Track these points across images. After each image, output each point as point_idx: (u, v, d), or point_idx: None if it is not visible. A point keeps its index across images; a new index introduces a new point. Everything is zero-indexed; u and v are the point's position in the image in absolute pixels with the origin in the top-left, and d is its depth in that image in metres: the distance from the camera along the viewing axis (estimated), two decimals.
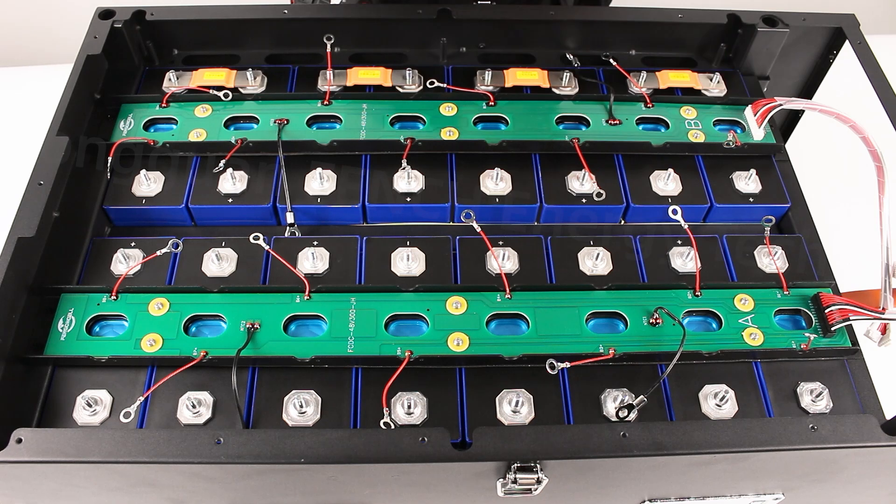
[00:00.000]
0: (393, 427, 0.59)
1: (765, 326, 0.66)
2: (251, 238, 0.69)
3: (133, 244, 0.69)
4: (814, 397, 0.63)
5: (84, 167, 0.73)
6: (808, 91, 0.93)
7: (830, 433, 0.55)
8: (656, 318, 0.66)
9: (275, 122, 0.77)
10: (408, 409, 0.60)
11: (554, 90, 0.82)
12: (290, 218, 0.71)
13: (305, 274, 0.67)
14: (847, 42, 0.83)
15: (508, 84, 0.82)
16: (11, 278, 0.60)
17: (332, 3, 0.97)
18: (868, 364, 0.66)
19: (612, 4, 0.86)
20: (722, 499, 0.66)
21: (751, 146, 0.78)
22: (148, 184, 0.73)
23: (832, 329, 0.65)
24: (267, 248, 0.69)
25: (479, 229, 0.69)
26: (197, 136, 0.76)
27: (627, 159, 0.77)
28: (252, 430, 0.59)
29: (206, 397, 0.61)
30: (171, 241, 0.68)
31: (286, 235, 0.71)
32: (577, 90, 0.83)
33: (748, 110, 0.80)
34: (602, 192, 0.73)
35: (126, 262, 0.68)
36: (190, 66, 0.83)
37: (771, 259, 0.71)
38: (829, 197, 1.03)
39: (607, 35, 0.87)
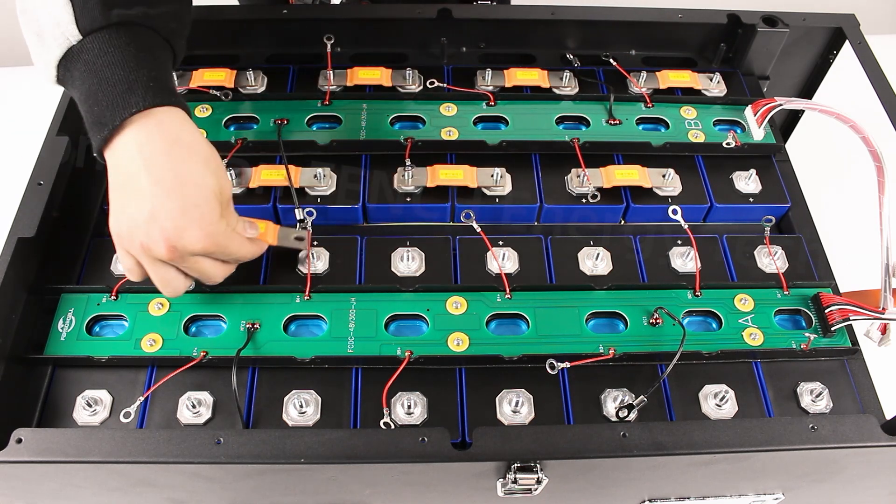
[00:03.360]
0: (393, 427, 0.59)
1: (765, 326, 0.66)
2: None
3: None
4: (814, 397, 0.63)
5: (84, 167, 0.73)
6: (808, 91, 0.93)
7: (830, 433, 0.55)
8: (656, 318, 0.66)
9: (275, 122, 0.77)
10: (408, 409, 0.60)
11: (554, 90, 0.82)
12: (298, 214, 0.70)
13: (305, 274, 0.67)
14: (847, 42, 0.83)
15: (508, 84, 0.82)
16: (11, 278, 0.60)
17: (332, 3, 0.97)
18: (868, 364, 0.66)
19: (612, 5, 0.86)
20: (722, 499, 0.66)
21: (751, 146, 0.78)
22: None
23: (832, 329, 0.65)
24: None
25: (479, 229, 0.69)
26: None
27: (627, 159, 0.77)
28: (252, 430, 0.59)
29: (206, 397, 0.61)
30: None
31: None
32: (577, 90, 0.83)
33: (748, 110, 0.80)
34: (597, 193, 0.73)
35: None
36: (190, 66, 0.83)
37: (771, 259, 0.71)
38: (829, 197, 1.03)
39: (607, 35, 0.87)
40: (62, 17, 0.54)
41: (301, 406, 0.60)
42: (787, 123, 0.95)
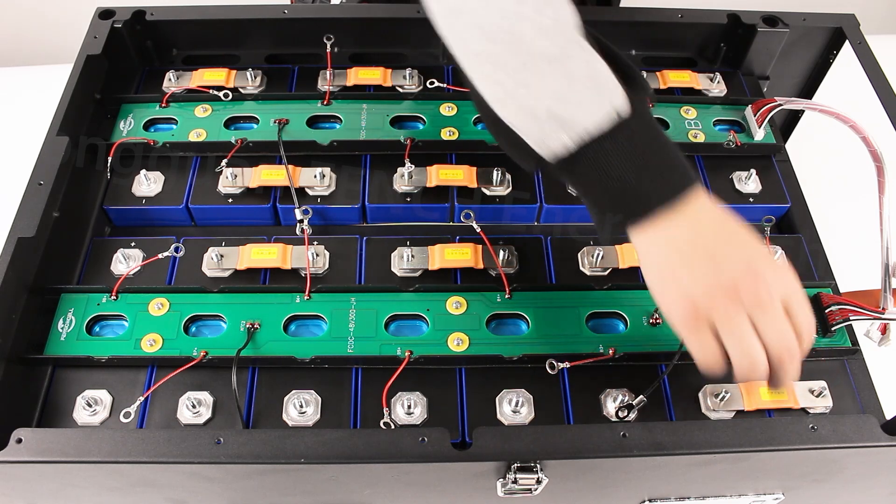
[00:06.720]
0: (393, 427, 0.59)
1: None
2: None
3: (133, 244, 0.69)
4: (814, 397, 0.63)
5: (84, 167, 0.73)
6: (808, 91, 0.93)
7: (830, 433, 0.55)
8: (656, 318, 0.66)
9: (275, 122, 0.77)
10: (408, 409, 0.60)
11: None
12: (298, 214, 0.70)
13: (305, 274, 0.67)
14: (847, 42, 0.83)
15: None
16: (11, 278, 0.60)
17: (332, 3, 0.97)
18: (868, 364, 0.66)
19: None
20: (722, 499, 0.66)
21: (751, 146, 0.78)
22: (148, 184, 0.73)
23: (832, 329, 0.65)
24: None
25: (479, 229, 0.69)
26: (197, 136, 0.76)
27: None
28: (252, 430, 0.59)
29: (206, 397, 0.61)
30: (172, 246, 0.68)
31: (297, 233, 0.70)
32: None
33: (748, 110, 0.80)
34: None
35: (126, 262, 0.68)
36: (190, 66, 0.83)
37: None
38: (829, 197, 1.02)
39: (607, 35, 0.86)
40: (614, 92, 0.53)
41: (301, 406, 0.60)
42: (787, 123, 0.95)
